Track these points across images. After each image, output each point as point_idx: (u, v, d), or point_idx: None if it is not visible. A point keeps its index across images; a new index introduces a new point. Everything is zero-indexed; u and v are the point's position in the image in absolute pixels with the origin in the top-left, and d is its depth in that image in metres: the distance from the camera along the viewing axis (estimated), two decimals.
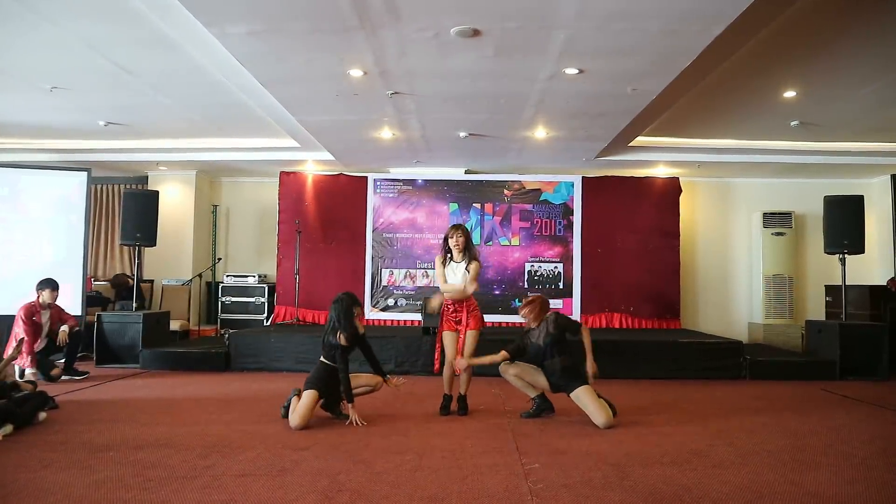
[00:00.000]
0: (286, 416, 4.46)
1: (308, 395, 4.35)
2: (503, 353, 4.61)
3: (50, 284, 6.19)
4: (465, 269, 4.72)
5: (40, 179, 7.83)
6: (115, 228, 9.65)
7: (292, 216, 9.14)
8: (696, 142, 8.02)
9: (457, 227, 4.82)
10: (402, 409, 4.94)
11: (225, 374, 6.70)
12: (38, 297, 6.15)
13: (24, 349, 5.69)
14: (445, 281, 4.77)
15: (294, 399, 4.44)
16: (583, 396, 4.39)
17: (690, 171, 9.21)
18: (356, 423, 4.31)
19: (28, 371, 5.77)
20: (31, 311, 6.07)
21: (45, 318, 6.19)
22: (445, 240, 4.83)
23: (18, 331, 5.95)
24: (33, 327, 6.03)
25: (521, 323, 8.83)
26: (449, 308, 4.80)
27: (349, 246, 9.24)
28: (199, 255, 9.68)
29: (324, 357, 4.53)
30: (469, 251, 4.77)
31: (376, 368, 4.67)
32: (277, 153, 8.56)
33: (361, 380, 4.60)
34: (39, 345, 6.11)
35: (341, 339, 4.41)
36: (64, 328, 6.19)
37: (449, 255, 4.80)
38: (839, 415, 4.89)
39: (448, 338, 4.79)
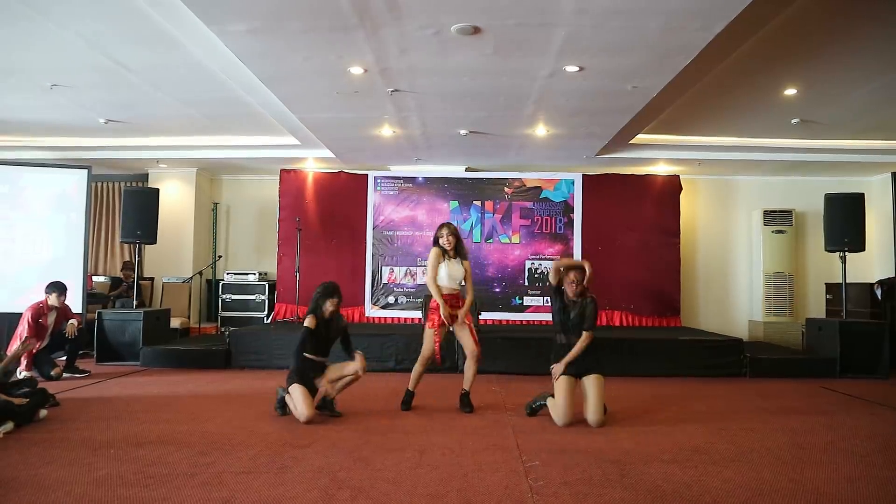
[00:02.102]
0: (283, 413, 4.48)
1: (296, 389, 4.38)
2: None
3: (57, 288, 6.19)
4: (461, 265, 4.76)
5: (40, 177, 7.83)
6: (115, 226, 9.65)
7: (292, 214, 9.13)
8: (696, 139, 8.01)
9: (447, 226, 4.84)
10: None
11: (225, 371, 6.71)
12: (47, 299, 6.16)
13: (26, 351, 5.71)
14: (437, 278, 4.78)
15: (287, 397, 4.48)
16: (593, 386, 4.37)
17: (691, 168, 9.21)
18: (328, 393, 4.43)
19: (24, 374, 5.75)
20: (38, 314, 6.08)
21: (50, 319, 6.20)
22: (436, 238, 4.83)
23: (22, 330, 5.95)
24: (37, 329, 6.03)
25: (524, 321, 8.94)
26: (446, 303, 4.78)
27: (349, 243, 9.25)
28: (199, 253, 9.68)
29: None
30: (460, 249, 4.81)
31: (350, 352, 4.68)
32: (278, 151, 8.56)
33: (345, 369, 4.57)
34: (41, 345, 6.10)
35: (307, 320, 4.50)
36: (72, 322, 6.26)
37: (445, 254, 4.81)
38: (839, 413, 4.89)
39: (430, 333, 4.77)
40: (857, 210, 7.08)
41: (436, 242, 4.83)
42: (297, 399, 4.33)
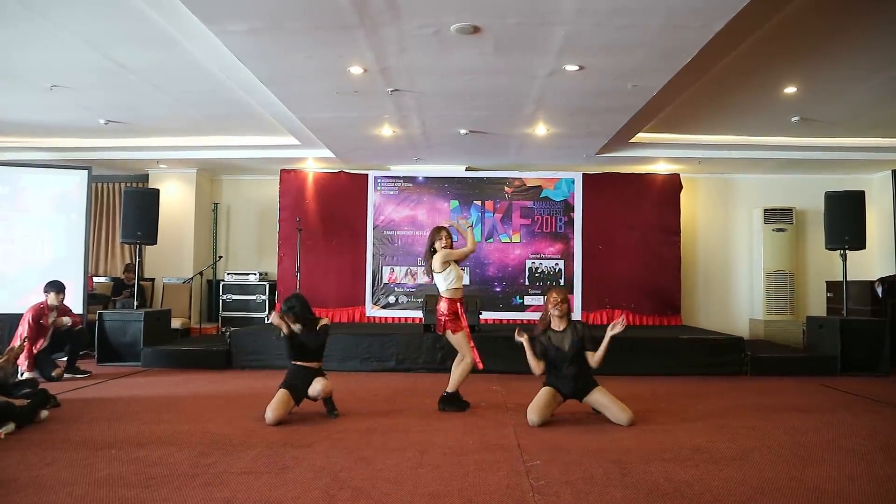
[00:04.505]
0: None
1: (279, 392, 4.42)
2: (539, 365, 4.49)
3: (55, 287, 6.21)
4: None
5: (41, 178, 7.83)
6: (115, 227, 9.66)
7: (293, 214, 9.13)
8: (696, 138, 8.00)
9: (443, 229, 4.87)
10: (403, 407, 4.94)
11: (226, 371, 6.71)
12: (47, 299, 6.17)
13: (23, 352, 5.71)
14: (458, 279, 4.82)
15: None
16: (601, 398, 4.38)
17: (691, 167, 9.21)
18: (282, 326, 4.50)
19: (26, 375, 5.76)
20: (40, 314, 6.09)
21: (50, 320, 6.20)
22: (432, 242, 4.82)
23: (22, 331, 5.95)
24: (38, 330, 6.04)
25: (525, 320, 8.91)
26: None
27: (350, 243, 9.25)
28: (199, 253, 9.68)
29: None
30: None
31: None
32: (278, 151, 8.56)
33: (325, 386, 4.54)
34: (42, 345, 6.11)
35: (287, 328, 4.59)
36: (66, 320, 6.29)
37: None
38: (840, 411, 4.89)
39: (464, 336, 4.79)
40: (858, 208, 7.07)
41: (432, 247, 4.81)
42: (271, 401, 4.36)
